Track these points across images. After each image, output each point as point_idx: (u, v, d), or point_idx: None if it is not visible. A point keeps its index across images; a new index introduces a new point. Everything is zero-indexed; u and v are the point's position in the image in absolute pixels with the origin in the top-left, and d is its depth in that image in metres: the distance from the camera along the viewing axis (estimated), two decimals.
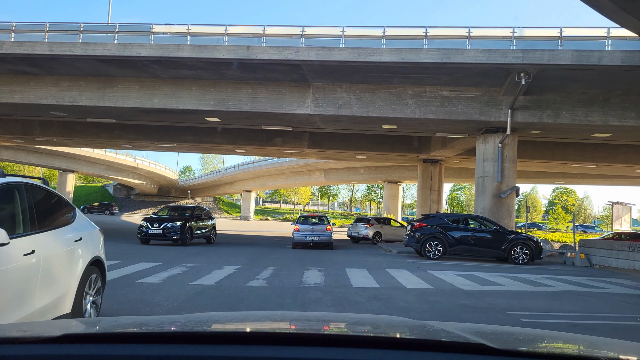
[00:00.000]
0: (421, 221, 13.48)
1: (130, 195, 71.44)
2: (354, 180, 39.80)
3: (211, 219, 17.88)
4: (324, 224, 16.23)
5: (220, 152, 26.94)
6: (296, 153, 24.92)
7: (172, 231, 14.78)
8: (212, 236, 17.34)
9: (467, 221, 13.60)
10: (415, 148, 23.00)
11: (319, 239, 15.77)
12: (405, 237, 13.69)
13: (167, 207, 18.10)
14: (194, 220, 15.81)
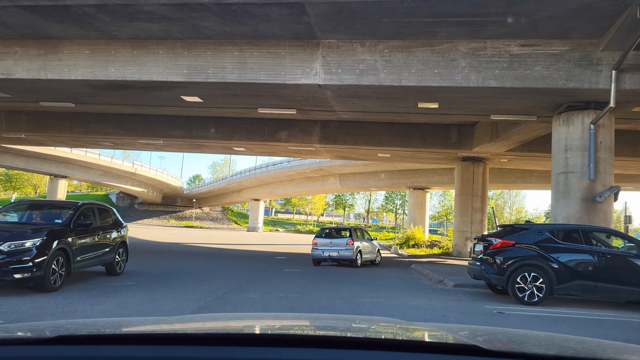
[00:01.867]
0: (504, 237, 8.31)
1: (134, 205, 68.44)
2: (374, 187, 35.47)
3: (116, 228, 10.25)
4: (343, 238, 14.24)
5: (214, 150, 23.00)
6: (305, 150, 20.86)
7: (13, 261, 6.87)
8: (119, 260, 10.01)
9: (587, 236, 8.05)
10: (453, 142, 18.66)
11: (337, 256, 13.96)
12: (471, 262, 9.01)
13: (20, 202, 10.39)
14: (74, 232, 8.17)
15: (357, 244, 14.32)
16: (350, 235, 14.31)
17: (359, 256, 14.40)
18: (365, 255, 15.00)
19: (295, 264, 14.13)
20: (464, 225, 19.55)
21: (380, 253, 16.62)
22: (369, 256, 15.55)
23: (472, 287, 9.85)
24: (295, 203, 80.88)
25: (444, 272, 12.35)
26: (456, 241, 20.00)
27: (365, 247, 15.24)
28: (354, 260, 14.12)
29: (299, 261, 15.95)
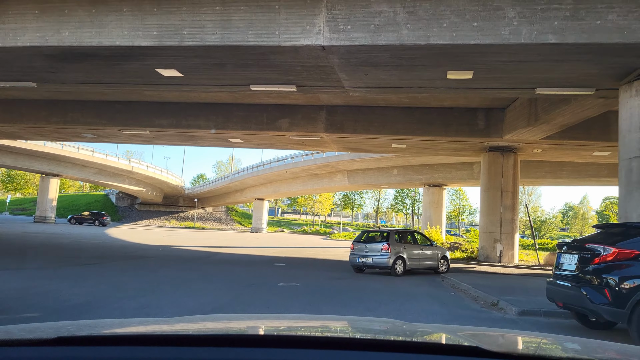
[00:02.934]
0: (617, 243, 5.14)
1: (134, 205, 66.73)
2: (385, 184, 33.13)
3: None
4: (378, 242, 13.03)
5: (208, 142, 20.84)
6: (309, 141, 18.63)
7: None
8: None
9: None
10: (480, 129, 16.29)
11: (370, 262, 12.86)
12: (555, 281, 5.82)
13: None
14: None
15: (396, 249, 12.76)
16: (386, 239, 12.83)
17: (399, 263, 12.72)
18: (413, 262, 13.19)
19: (295, 274, 11.78)
20: (492, 225, 17.17)
21: (446, 260, 14.06)
22: (428, 263, 13.66)
23: (547, 316, 6.95)
24: (301, 203, 78.71)
25: (490, 288, 9.43)
26: (483, 244, 17.62)
27: (415, 253, 13.40)
28: (391, 267, 12.54)
29: (299, 269, 13.75)
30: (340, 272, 12.95)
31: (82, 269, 10.83)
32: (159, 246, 20.95)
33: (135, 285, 8.58)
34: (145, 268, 11.51)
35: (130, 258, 14.25)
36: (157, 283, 9.08)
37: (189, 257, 16.05)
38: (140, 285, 8.69)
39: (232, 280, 10.03)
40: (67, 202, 67.29)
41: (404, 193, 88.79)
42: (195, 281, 9.56)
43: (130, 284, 8.77)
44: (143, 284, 8.79)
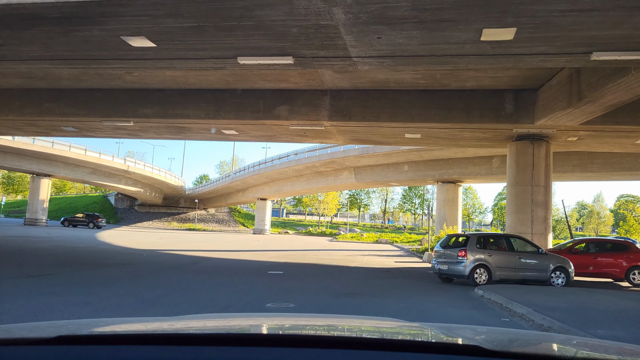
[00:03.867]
0: None
1: (134, 206, 65.25)
2: (395, 181, 31.16)
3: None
4: (455, 248, 12.07)
5: (200, 135, 18.99)
6: (311, 131, 16.70)
7: None
8: None
9: None
10: (507, 114, 14.28)
11: (446, 269, 11.98)
12: None
13: None
14: None
15: (476, 255, 11.61)
16: (464, 244, 11.93)
17: (480, 272, 11.57)
18: (504, 272, 11.75)
19: (292, 288, 9.66)
20: (521, 224, 15.15)
21: (564, 273, 12.07)
22: (531, 274, 12.02)
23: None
24: (306, 203, 76.86)
25: (557, 311, 7.01)
26: None
27: (508, 261, 11.91)
28: (468, 276, 11.48)
29: (299, 281, 11.26)
30: (350, 285, 10.91)
31: (11, 283, 8.88)
32: (146, 250, 19.12)
33: (59, 308, 6.64)
34: (98, 281, 9.51)
35: (98, 266, 12.36)
36: (81, 305, 6.92)
37: (170, 264, 14.13)
38: (62, 307, 6.72)
39: (203, 300, 7.75)
40: (65, 204, 65.96)
41: (412, 192, 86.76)
42: (149, 304, 7.21)
43: (44, 306, 6.73)
44: (63, 307, 6.79)
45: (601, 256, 14.24)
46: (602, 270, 13.97)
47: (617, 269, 13.88)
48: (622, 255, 14.07)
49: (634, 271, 13.84)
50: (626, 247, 14.49)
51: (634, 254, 14.09)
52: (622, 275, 13.88)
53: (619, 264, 13.89)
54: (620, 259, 13.95)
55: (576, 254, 14.05)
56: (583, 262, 13.76)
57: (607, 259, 14.11)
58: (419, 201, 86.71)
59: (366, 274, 13.27)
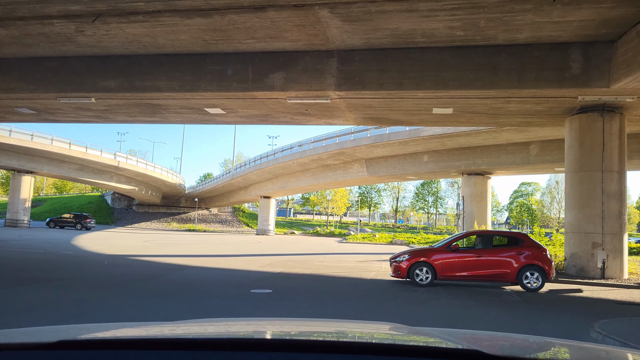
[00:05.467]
0: None
1: (132, 206, 62.61)
2: (412, 174, 27.79)
3: None
4: None
5: (178, 115, 15.85)
6: (314, 105, 13.49)
7: None
8: None
9: None
10: (573, 76, 10.93)
11: None
12: None
13: None
14: None
15: None
16: None
17: None
18: None
19: (275, 323, 6.33)
20: (588, 222, 11.80)
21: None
22: None
23: None
24: (314, 202, 73.73)
25: None
26: (573, 249, 12.22)
27: None
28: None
29: (289, 308, 7.42)
30: (382, 318, 7.09)
31: None
32: (116, 257, 16.06)
33: None
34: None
35: (21, 283, 9.20)
36: None
37: (124, 278, 10.61)
38: None
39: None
40: (60, 204, 63.56)
41: (426, 189, 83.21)
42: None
43: None
44: None
45: (487, 254, 10.89)
46: (487, 273, 10.74)
47: (506, 269, 10.68)
48: (513, 251, 10.85)
49: (528, 272, 10.61)
50: (518, 241, 11.18)
51: (528, 249, 10.85)
52: (513, 277, 10.68)
53: (509, 264, 10.70)
54: (511, 257, 10.76)
55: (455, 251, 10.97)
56: (462, 262, 10.78)
57: (495, 258, 10.83)
58: (432, 199, 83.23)
59: (395, 293, 9.60)
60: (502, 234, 12.38)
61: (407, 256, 11.06)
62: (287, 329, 1.63)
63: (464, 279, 10.92)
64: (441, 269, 10.76)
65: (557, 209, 78.48)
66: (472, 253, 10.99)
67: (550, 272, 10.67)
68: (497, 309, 8.17)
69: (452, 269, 10.78)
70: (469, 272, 10.81)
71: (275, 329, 1.61)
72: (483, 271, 10.75)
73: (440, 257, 10.84)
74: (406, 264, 10.86)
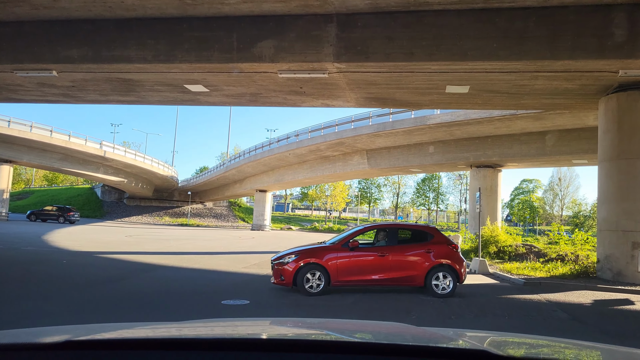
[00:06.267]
0: None
1: (123, 200, 60.95)
2: (417, 167, 26.14)
3: None
4: None
5: (154, 93, 14.20)
6: (309, 81, 11.81)
7: None
8: None
9: None
10: (616, 44, 9.27)
11: None
12: None
13: None
14: None
15: None
16: None
17: None
18: None
19: None
20: (628, 218, 10.18)
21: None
22: None
23: None
24: (313, 196, 72.16)
25: None
26: (609, 250, 10.59)
27: None
28: None
29: None
30: None
31: None
32: (85, 254, 14.45)
33: None
34: None
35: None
36: None
37: (78, 281, 8.60)
38: None
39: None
40: (48, 197, 61.85)
41: (426, 185, 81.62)
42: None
43: None
44: None
45: (393, 252, 8.91)
46: (392, 276, 8.82)
47: (415, 271, 8.88)
48: (421, 249, 9.05)
49: (438, 273, 8.90)
50: (427, 236, 9.33)
51: (438, 245, 9.10)
52: (421, 281, 8.88)
53: (417, 264, 8.90)
54: (420, 256, 8.98)
55: (354, 249, 8.80)
56: (362, 263, 8.76)
57: (401, 257, 8.93)
58: (433, 195, 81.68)
59: (409, 305, 7.76)
60: (407, 228, 10.41)
61: (294, 256, 8.72)
62: (293, 329, 1.63)
63: (365, 283, 8.87)
64: (336, 273, 8.62)
65: (559, 206, 77.10)
66: (374, 251, 8.93)
67: (462, 274, 8.95)
68: (545, 332, 6.50)
69: (350, 272, 8.69)
70: (371, 275, 8.77)
71: (281, 329, 1.60)
72: (387, 274, 8.80)
73: (335, 257, 8.68)
74: (293, 266, 8.56)
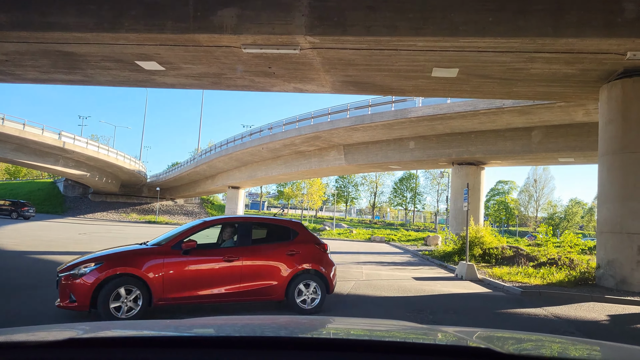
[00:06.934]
0: None
1: (87, 195, 58.07)
2: (396, 163, 25.04)
3: None
4: None
5: (101, 71, 12.60)
6: (278, 59, 10.39)
7: None
8: None
9: None
10: (627, 20, 8.22)
11: None
12: None
13: None
14: None
15: None
16: None
17: None
18: None
19: None
20: (634, 219, 9.18)
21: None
22: None
23: None
24: (289, 194, 70.66)
25: None
26: (611, 255, 9.56)
27: None
28: None
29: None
30: None
31: None
32: (14, 254, 12.69)
33: None
34: None
35: None
36: None
37: None
38: None
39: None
40: (5, 191, 58.40)
41: (404, 185, 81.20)
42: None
43: None
44: None
45: (244, 256, 6.60)
46: (243, 288, 6.49)
47: (273, 280, 6.68)
48: (283, 250, 6.86)
49: (303, 282, 6.80)
50: (288, 234, 7.10)
51: (303, 246, 6.99)
52: (281, 293, 6.71)
53: (276, 271, 6.72)
54: (280, 260, 6.77)
55: (189, 253, 6.34)
56: (197, 273, 6.33)
57: (254, 262, 6.65)
58: (410, 195, 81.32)
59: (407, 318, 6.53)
60: (264, 223, 7.54)
61: (95, 264, 5.89)
62: (300, 327, 1.63)
63: (205, 301, 6.35)
64: (162, 287, 6.02)
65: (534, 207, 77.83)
66: (218, 255, 6.54)
67: (332, 282, 6.93)
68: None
69: (183, 286, 6.18)
70: (213, 288, 6.34)
71: (291, 327, 1.61)
72: (236, 286, 6.43)
73: (160, 265, 6.10)
74: (92, 279, 5.74)
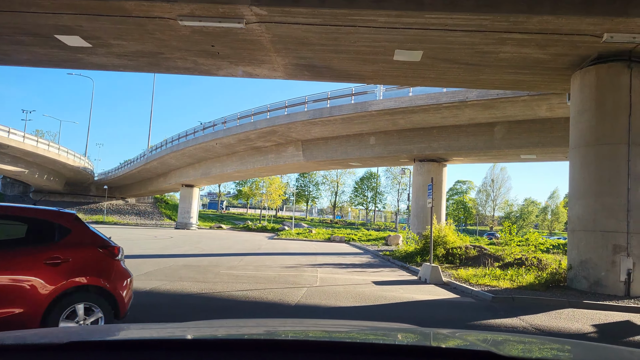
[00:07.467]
0: None
1: (29, 193, 54.14)
2: (356, 160, 24.14)
3: None
4: None
5: (9, 39, 10.90)
6: (221, 34, 9.10)
7: None
8: None
9: None
10: (602, 2, 7.48)
11: None
12: None
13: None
14: None
15: None
16: None
17: None
18: None
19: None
20: (608, 216, 8.56)
21: None
22: None
23: None
24: (247, 194, 68.83)
25: None
26: (584, 254, 8.92)
27: None
28: None
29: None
30: None
31: None
32: None
33: None
34: None
35: None
36: None
37: None
38: None
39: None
40: None
41: (365, 184, 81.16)
42: None
43: None
44: None
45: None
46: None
47: (18, 305, 3.95)
48: (38, 258, 4.14)
49: (76, 305, 4.20)
50: (53, 232, 4.38)
51: (76, 250, 4.35)
52: (36, 325, 4.00)
53: (24, 292, 4.01)
54: (32, 273, 4.06)
55: None
56: None
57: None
58: (371, 194, 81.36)
59: None
60: (13, 215, 4.53)
61: None
62: (301, 329, 1.67)
63: None
64: None
65: (491, 206, 79.59)
66: None
67: (124, 303, 4.47)
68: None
69: None
70: None
71: (287, 329, 1.64)
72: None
73: None
74: None
